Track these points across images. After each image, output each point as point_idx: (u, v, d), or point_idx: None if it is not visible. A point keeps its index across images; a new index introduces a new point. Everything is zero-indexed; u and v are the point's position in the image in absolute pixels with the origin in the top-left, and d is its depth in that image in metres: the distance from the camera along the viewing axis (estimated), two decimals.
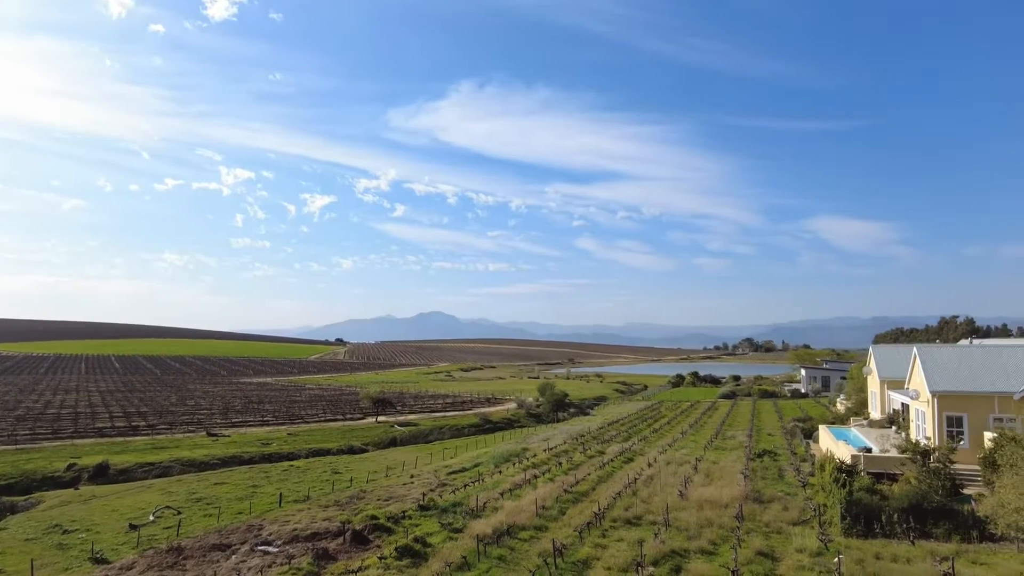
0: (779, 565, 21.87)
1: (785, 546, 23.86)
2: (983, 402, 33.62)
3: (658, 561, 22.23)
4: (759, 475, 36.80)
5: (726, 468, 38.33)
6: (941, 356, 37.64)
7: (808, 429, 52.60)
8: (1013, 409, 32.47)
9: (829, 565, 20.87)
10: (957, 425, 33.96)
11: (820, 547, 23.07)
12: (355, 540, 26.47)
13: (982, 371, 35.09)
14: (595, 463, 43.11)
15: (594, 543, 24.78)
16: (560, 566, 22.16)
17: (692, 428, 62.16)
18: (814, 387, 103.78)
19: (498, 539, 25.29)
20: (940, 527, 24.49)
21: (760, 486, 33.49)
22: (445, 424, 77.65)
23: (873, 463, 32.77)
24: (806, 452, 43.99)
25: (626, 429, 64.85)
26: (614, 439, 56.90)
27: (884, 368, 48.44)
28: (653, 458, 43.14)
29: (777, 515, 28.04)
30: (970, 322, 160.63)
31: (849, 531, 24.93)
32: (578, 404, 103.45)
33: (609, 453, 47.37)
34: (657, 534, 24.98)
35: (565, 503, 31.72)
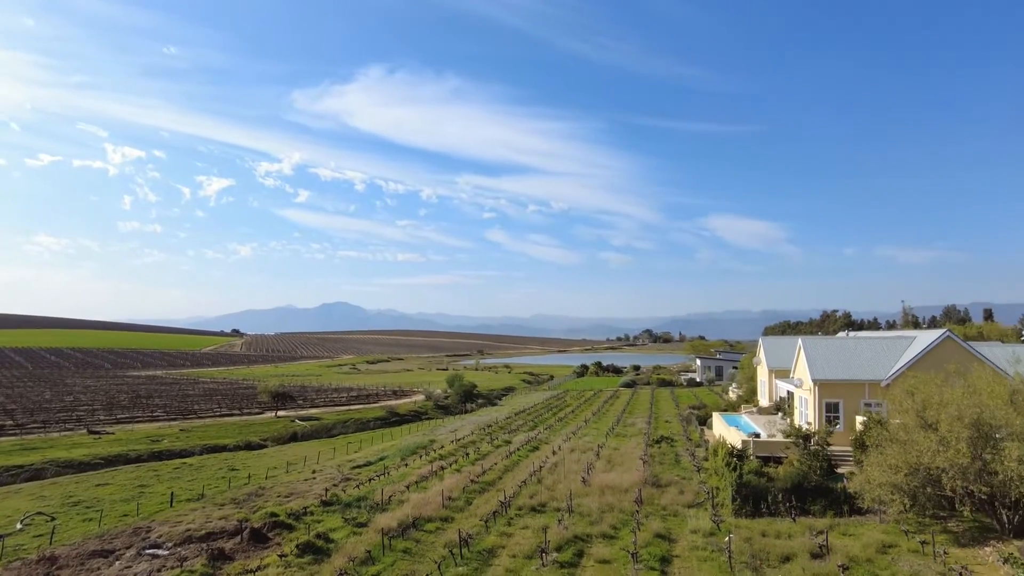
0: (675, 546, 22.97)
1: (681, 528, 25.07)
2: (856, 389, 36.66)
3: (562, 547, 22.76)
4: (657, 460, 38.43)
5: (627, 454, 39.78)
6: (822, 347, 40.69)
7: (703, 416, 55.43)
8: (881, 395, 35.60)
9: (721, 544, 22.13)
10: (834, 410, 36.87)
11: (713, 527, 24.41)
12: (254, 539, 25.42)
13: (856, 361, 38.24)
14: (502, 453, 43.55)
15: (500, 532, 25.05)
16: (466, 556, 22.25)
17: (595, 416, 64.01)
18: (708, 376, 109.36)
19: (403, 532, 25.06)
20: (817, 504, 26.53)
21: (658, 471, 34.99)
22: (350, 418, 75.95)
23: (761, 447, 34.99)
24: (701, 438, 46.36)
25: (532, 418, 65.89)
26: (521, 428, 57.68)
27: (772, 358, 51.77)
28: (558, 446, 44.09)
29: (674, 498, 29.42)
30: (847, 316, 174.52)
31: (739, 511, 26.52)
32: (486, 395, 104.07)
33: (516, 442, 47.97)
34: (561, 520, 25.56)
35: (472, 493, 31.85)
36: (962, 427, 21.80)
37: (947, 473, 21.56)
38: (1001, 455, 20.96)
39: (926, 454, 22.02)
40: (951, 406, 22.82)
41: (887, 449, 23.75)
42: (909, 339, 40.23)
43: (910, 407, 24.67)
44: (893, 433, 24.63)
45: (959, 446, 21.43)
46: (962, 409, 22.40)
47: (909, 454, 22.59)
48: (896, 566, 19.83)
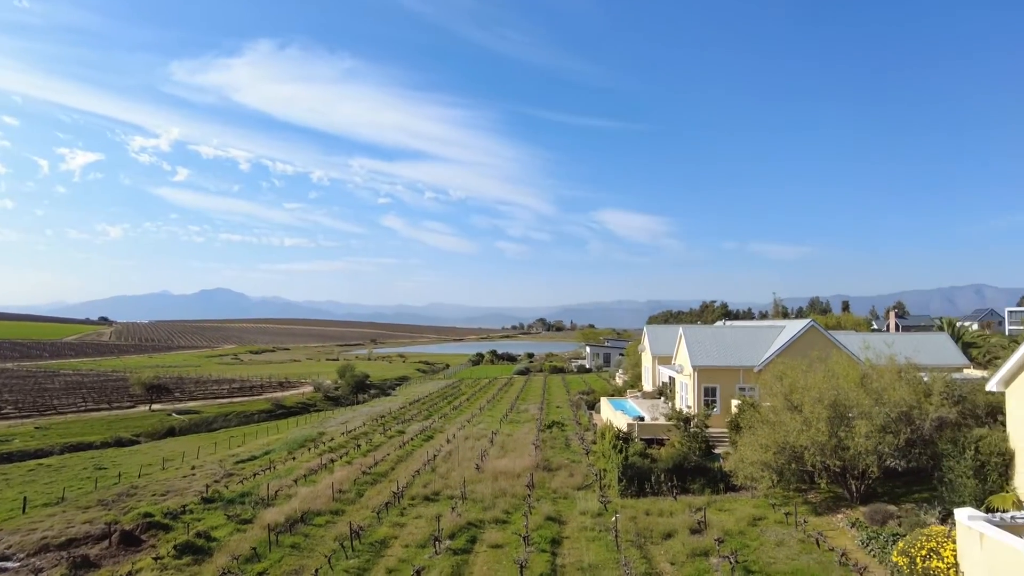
0: (565, 528, 23.70)
1: (571, 509, 25.90)
2: (732, 374, 39.28)
3: (455, 534, 22.88)
4: (549, 445, 39.43)
5: (519, 440, 40.53)
6: (701, 335, 43.21)
7: (591, 401, 57.40)
8: (753, 380, 38.36)
9: (608, 524, 23.07)
10: (712, 395, 39.34)
11: (600, 508, 25.40)
12: (125, 542, 23.63)
13: (732, 348, 40.94)
14: (395, 443, 43.05)
15: (392, 522, 24.80)
16: (357, 548, 21.85)
17: (489, 404, 64.66)
18: (597, 363, 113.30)
19: (291, 527, 24.22)
20: (697, 482, 28.24)
21: (550, 455, 35.92)
22: (232, 411, 72.29)
23: (645, 430, 36.73)
24: (589, 422, 48.03)
25: (427, 408, 65.58)
26: (415, 418, 57.26)
27: (656, 346, 54.37)
28: (452, 434, 44.18)
29: (564, 481, 30.33)
30: (724, 306, 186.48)
31: (625, 492, 27.76)
32: (379, 385, 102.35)
33: (409, 432, 47.58)
34: (455, 508, 25.67)
35: (363, 485, 31.29)
36: (822, 408, 23.93)
37: (809, 450, 23.60)
38: (852, 432, 23.22)
39: (792, 434, 23.98)
40: (813, 389, 24.97)
41: (759, 430, 25.63)
42: (779, 328, 43.58)
43: (779, 391, 26.75)
44: (764, 415, 26.63)
45: (819, 425, 23.52)
46: (822, 392, 24.58)
47: (777, 434, 24.52)
48: (764, 537, 21.52)
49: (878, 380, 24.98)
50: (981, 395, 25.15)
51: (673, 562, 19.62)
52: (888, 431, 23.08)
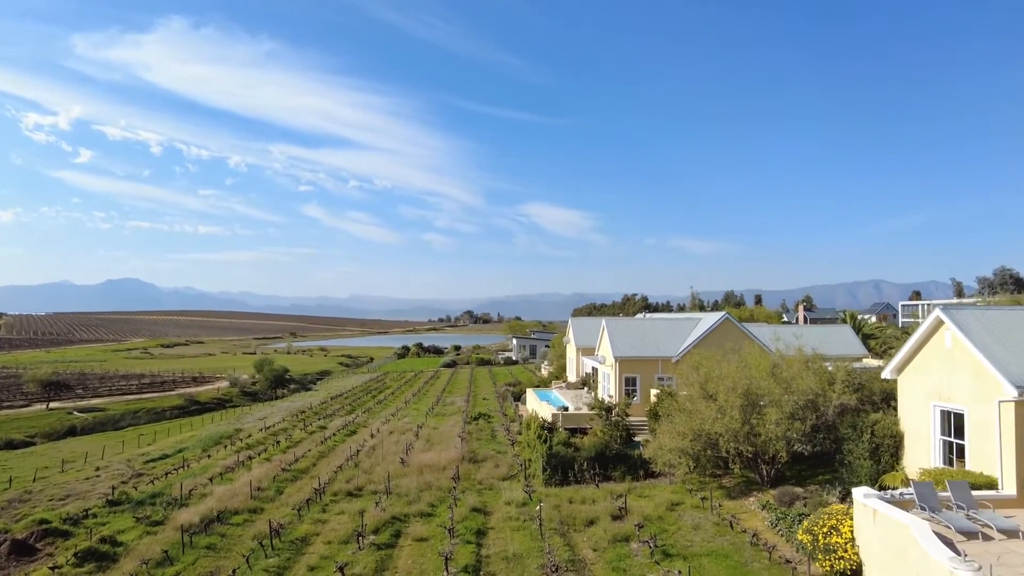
0: (491, 518, 23.85)
1: (496, 500, 26.08)
2: (651, 365, 40.54)
3: (379, 529, 22.61)
4: (475, 437, 39.52)
5: (445, 433, 40.43)
6: (623, 327, 44.36)
7: (517, 393, 57.89)
8: (672, 370, 39.73)
9: (532, 513, 23.38)
10: (633, 384, 40.49)
11: (525, 498, 25.70)
12: (16, 552, 21.99)
13: (652, 339, 42.25)
14: (316, 439, 42.03)
15: (314, 519, 24.23)
16: (277, 546, 21.23)
17: (415, 397, 64.12)
18: (523, 355, 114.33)
19: (207, 527, 23.24)
20: (618, 470, 29.03)
21: (475, 447, 36.02)
22: (141, 408, 68.54)
23: (569, 420, 37.40)
24: (515, 413, 48.45)
25: (350, 402, 64.34)
26: (337, 413, 56.06)
27: (580, 338, 55.40)
28: (377, 429, 43.55)
29: (490, 472, 30.49)
30: (645, 299, 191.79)
31: (549, 481, 28.20)
32: (300, 380, 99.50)
33: (332, 427, 46.55)
34: (379, 503, 25.36)
35: (283, 482, 30.42)
36: (736, 397, 25.08)
37: (723, 437, 24.69)
38: (763, 419, 24.47)
39: (707, 421, 25.02)
40: (727, 379, 26.12)
41: (676, 418, 26.60)
42: (695, 320, 45.29)
43: (695, 380, 27.85)
44: (681, 404, 27.64)
45: (733, 413, 24.65)
46: (736, 381, 25.76)
47: (694, 422, 25.52)
48: (682, 521, 22.38)
49: (787, 370, 26.40)
50: (877, 382, 27.04)
51: (595, 548, 20.11)
52: (796, 418, 24.46)
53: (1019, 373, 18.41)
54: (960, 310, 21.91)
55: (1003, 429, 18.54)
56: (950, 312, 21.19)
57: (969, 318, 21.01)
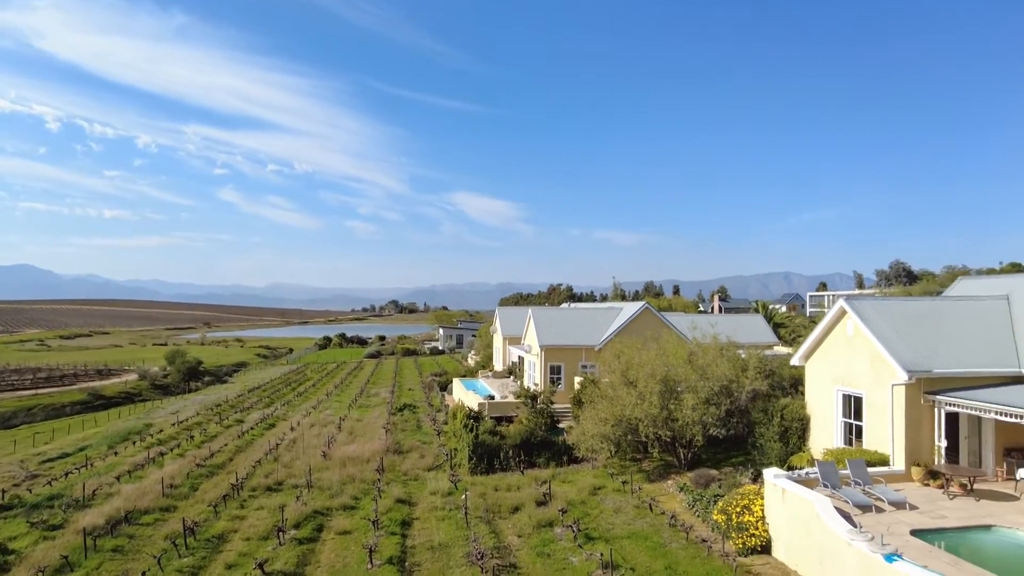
0: (416, 509, 23.71)
1: (421, 490, 25.95)
2: (576, 353, 41.31)
3: (300, 523, 22.06)
4: (400, 428, 39.15)
5: (369, 424, 39.84)
6: (548, 317, 44.98)
7: (444, 383, 57.71)
8: (595, 358, 40.61)
9: (458, 502, 23.41)
10: (557, 372, 41.16)
11: (451, 487, 25.70)
12: None
13: (576, 328, 43.05)
14: (233, 432, 40.51)
15: (231, 516, 23.38)
16: (192, 545, 20.34)
17: (337, 389, 62.82)
18: (450, 345, 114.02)
19: (113, 529, 21.98)
20: (543, 456, 29.45)
21: (400, 438, 35.68)
22: (38, 403, 63.96)
23: (496, 408, 37.62)
24: (441, 403, 48.30)
25: (269, 395, 62.34)
26: (255, 406, 54.20)
27: (506, 327, 55.77)
28: (297, 421, 42.41)
29: (415, 463, 30.29)
30: (569, 289, 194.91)
31: (475, 469, 28.29)
32: (215, 372, 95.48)
33: (249, 421, 44.97)
34: (300, 497, 24.74)
35: (198, 478, 29.16)
36: (655, 383, 25.91)
37: (643, 422, 25.49)
38: (681, 405, 25.42)
39: (628, 407, 25.74)
40: (647, 366, 26.95)
41: (598, 404, 27.24)
42: (617, 310, 46.44)
43: (616, 367, 28.59)
44: (603, 391, 28.32)
45: (652, 399, 25.46)
46: (655, 368, 26.61)
47: (615, 408, 26.20)
48: (604, 505, 22.97)
49: (703, 357, 27.49)
50: (787, 369, 28.59)
51: (520, 534, 20.36)
52: (711, 403, 25.53)
53: (911, 359, 19.89)
54: (861, 301, 23.44)
55: (895, 410, 20.02)
56: (852, 303, 22.63)
57: (869, 308, 22.51)
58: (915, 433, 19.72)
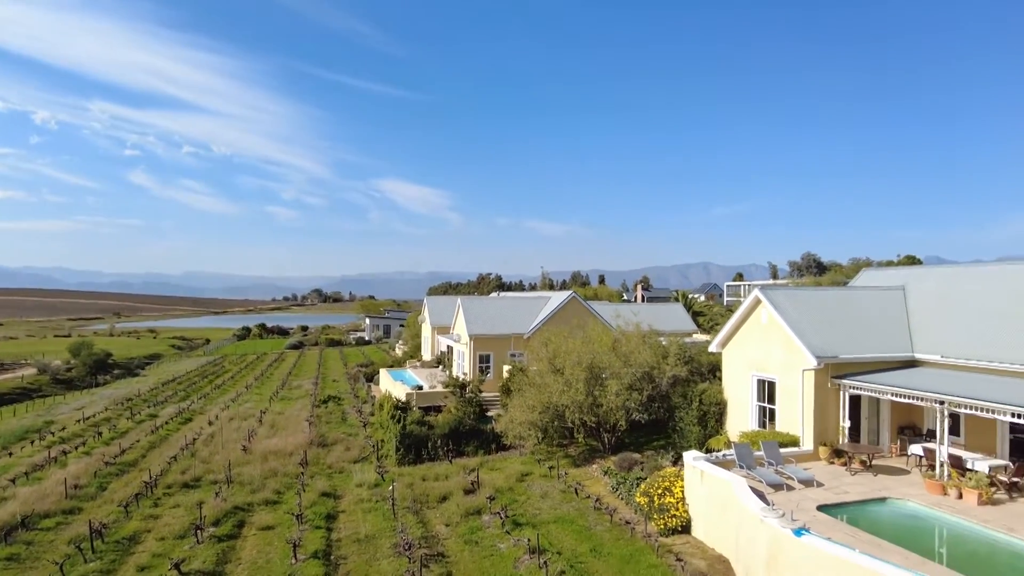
0: (341, 502, 23.31)
1: (347, 483, 25.52)
2: (504, 342, 41.56)
3: (220, 520, 21.28)
4: (324, 420, 38.31)
5: (292, 417, 38.79)
6: (477, 306, 45.00)
7: (370, 373, 56.86)
8: (523, 346, 41.00)
9: (385, 494, 23.17)
10: (486, 361, 41.29)
11: (377, 479, 25.40)
12: None
13: (505, 317, 43.28)
14: (146, 428, 38.53)
15: (145, 515, 22.27)
16: (100, 549, 19.25)
17: (258, 381, 60.80)
18: (377, 335, 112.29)
19: (7, 536, 20.49)
20: (471, 445, 29.54)
21: (325, 431, 34.92)
22: None
23: (424, 398, 37.42)
24: (368, 395, 47.57)
25: (185, 388, 59.61)
26: (170, 400, 51.74)
27: (435, 316, 55.43)
28: (215, 415, 40.80)
29: (340, 456, 29.75)
30: (499, 278, 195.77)
31: (403, 460, 28.07)
32: (125, 364, 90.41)
33: (164, 415, 42.89)
34: (219, 493, 23.84)
35: (107, 477, 27.59)
36: (581, 370, 26.43)
37: (569, 408, 25.97)
38: (605, 391, 26.05)
39: (555, 394, 26.16)
40: (573, 354, 27.45)
41: (527, 392, 27.54)
42: (545, 299, 47.00)
43: (544, 356, 28.97)
44: (531, 378, 28.65)
45: (578, 386, 25.98)
46: (581, 356, 27.14)
47: (543, 395, 26.57)
48: (531, 491, 23.29)
49: (627, 345, 28.25)
50: (705, 355, 29.75)
51: (448, 523, 20.38)
52: (634, 389, 26.29)
53: (819, 346, 21.11)
54: (774, 291, 24.65)
55: (805, 394, 21.23)
56: (766, 292, 23.76)
57: (781, 297, 23.70)
58: (823, 415, 20.99)
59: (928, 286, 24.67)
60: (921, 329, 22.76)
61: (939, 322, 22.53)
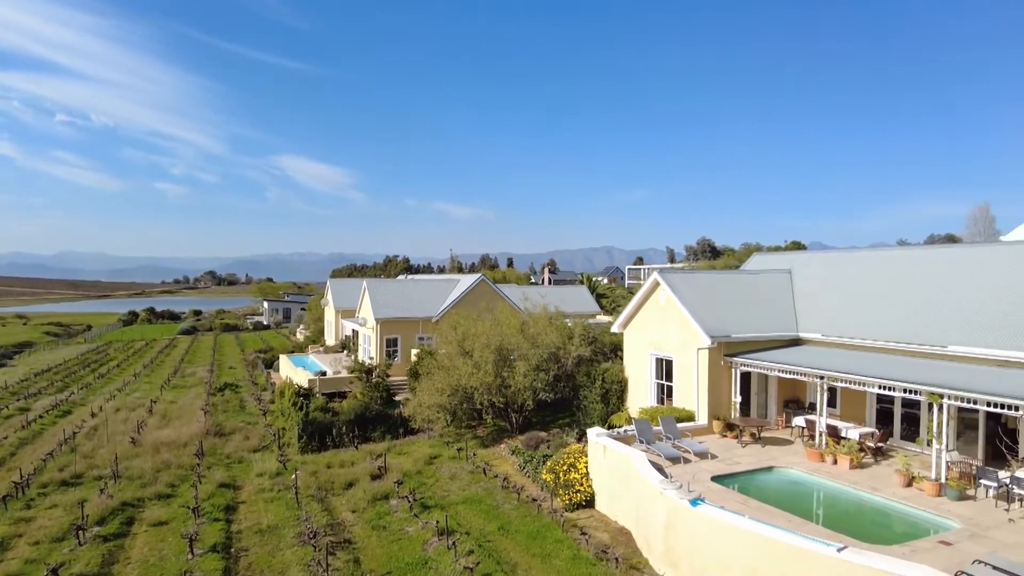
0: (241, 492, 22.41)
1: (247, 473, 24.55)
2: (412, 325, 41.14)
3: (105, 518, 19.90)
4: (221, 409, 36.59)
5: (185, 406, 36.82)
6: (384, 289, 44.21)
7: (270, 359, 54.75)
8: (432, 330, 40.76)
9: (288, 482, 22.48)
10: (394, 345, 40.74)
11: (280, 467, 24.58)
12: None
13: (413, 301, 42.81)
14: (16, 423, 35.27)
15: (15, 518, 20.44)
16: None
17: (147, 369, 57.10)
18: (277, 319, 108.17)
19: None
20: (378, 430, 29.14)
21: (222, 420, 33.37)
22: None
23: (328, 384, 36.47)
24: (267, 381, 45.81)
25: (63, 378, 55.00)
26: (45, 391, 47.59)
27: (339, 299, 54.01)
28: (99, 407, 37.97)
29: (239, 445, 28.54)
30: (406, 260, 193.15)
31: (306, 448, 27.28)
32: None
33: (38, 408, 39.42)
34: (104, 489, 22.24)
35: None
36: (489, 353, 26.64)
37: (478, 390, 26.15)
38: (514, 372, 26.42)
39: (464, 376, 26.24)
40: (482, 336, 27.60)
41: (435, 375, 27.46)
42: (454, 282, 46.86)
43: (453, 339, 28.94)
44: (440, 362, 28.57)
45: (487, 368, 26.18)
46: (490, 338, 27.33)
47: (452, 378, 26.59)
48: (440, 473, 23.31)
49: (534, 326, 28.72)
50: (608, 336, 30.74)
51: (355, 509, 20.07)
52: (541, 369, 26.82)
53: (713, 326, 22.29)
54: (672, 274, 25.75)
55: (700, 371, 22.40)
56: (664, 276, 24.78)
57: (678, 280, 24.80)
58: (716, 391, 22.24)
59: (811, 270, 26.58)
60: (805, 310, 24.52)
61: (821, 303, 24.36)
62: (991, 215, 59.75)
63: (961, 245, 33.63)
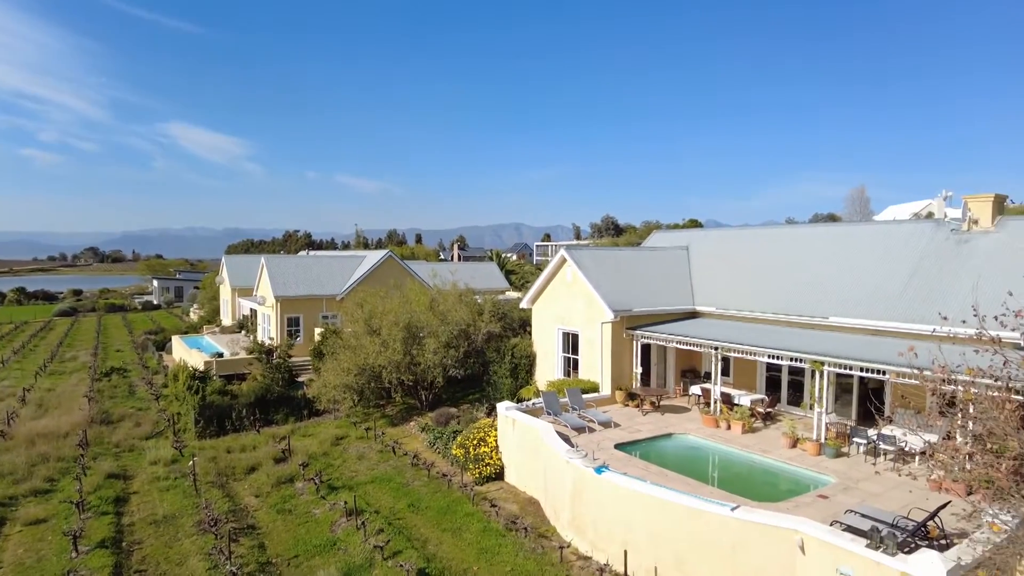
0: (133, 482, 21.12)
1: (139, 462, 23.15)
2: (315, 303, 39.86)
3: None
4: (107, 395, 34.17)
5: (66, 394, 34.10)
6: (284, 266, 42.45)
7: (161, 341, 51.56)
8: (337, 308, 39.68)
9: (185, 469, 21.40)
10: (296, 324, 39.34)
11: (175, 455, 23.33)
12: None
13: (316, 278, 41.42)
14: None
15: None
16: None
17: (17, 355, 52.27)
18: (167, 298, 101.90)
19: None
20: (281, 412, 28.20)
21: (109, 406, 31.20)
22: None
23: (225, 366, 34.80)
24: (159, 365, 43.19)
25: None
26: None
27: (235, 277, 51.44)
28: None
29: (129, 432, 26.83)
30: (308, 236, 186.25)
31: (204, 433, 26.02)
32: None
33: None
34: None
35: None
36: (398, 330, 26.27)
37: (387, 369, 25.78)
38: (423, 349, 26.22)
39: (372, 355, 25.77)
40: (391, 314, 27.16)
41: (341, 355, 26.80)
42: (360, 258, 45.72)
43: (360, 316, 28.31)
44: (346, 340, 27.90)
45: (396, 346, 25.83)
46: (398, 316, 26.94)
47: (358, 357, 26.04)
48: (347, 453, 22.91)
49: (444, 303, 28.56)
50: (517, 311, 31.07)
51: (258, 494, 19.41)
52: (451, 346, 26.77)
53: (616, 301, 23.00)
54: (578, 250, 26.28)
55: (604, 344, 23.11)
56: (571, 252, 25.26)
57: (584, 257, 25.36)
58: (619, 363, 23.05)
59: (707, 246, 27.90)
60: (701, 284, 25.75)
61: (715, 278, 25.65)
62: (866, 196, 64.69)
63: (840, 224, 36.37)
